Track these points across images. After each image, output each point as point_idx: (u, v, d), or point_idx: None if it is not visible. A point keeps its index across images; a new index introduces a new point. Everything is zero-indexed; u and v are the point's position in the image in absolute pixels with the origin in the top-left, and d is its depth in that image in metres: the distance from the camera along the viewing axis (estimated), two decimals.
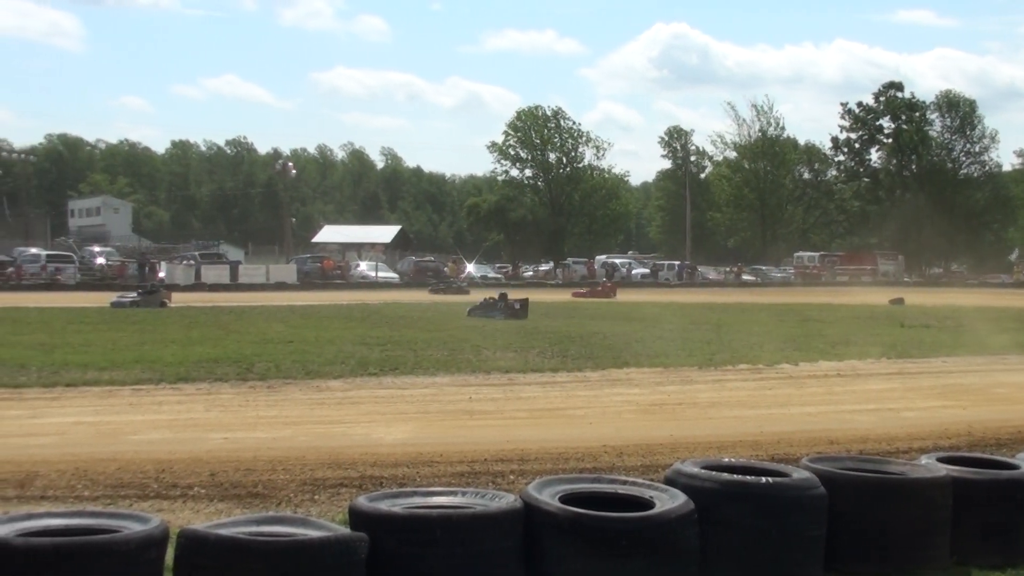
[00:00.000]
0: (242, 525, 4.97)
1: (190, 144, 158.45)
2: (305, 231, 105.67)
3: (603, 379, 15.65)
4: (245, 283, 57.45)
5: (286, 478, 8.47)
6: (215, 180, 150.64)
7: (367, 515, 5.13)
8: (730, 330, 25.71)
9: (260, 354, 17.95)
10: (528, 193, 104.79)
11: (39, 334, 21.94)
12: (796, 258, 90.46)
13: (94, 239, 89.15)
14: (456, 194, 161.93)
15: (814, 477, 5.96)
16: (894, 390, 15.20)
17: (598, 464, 9.09)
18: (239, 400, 12.98)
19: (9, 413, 11.82)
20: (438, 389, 14.23)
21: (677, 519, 5.28)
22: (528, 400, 13.47)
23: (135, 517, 4.98)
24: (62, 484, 8.16)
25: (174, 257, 70.50)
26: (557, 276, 77.00)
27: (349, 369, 16.06)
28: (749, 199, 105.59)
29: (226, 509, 7.48)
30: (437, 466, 9.00)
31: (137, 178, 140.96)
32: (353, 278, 65.26)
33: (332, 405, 12.76)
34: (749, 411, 12.76)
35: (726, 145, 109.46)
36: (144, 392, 13.50)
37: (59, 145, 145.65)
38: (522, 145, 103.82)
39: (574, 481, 5.92)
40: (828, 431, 11.17)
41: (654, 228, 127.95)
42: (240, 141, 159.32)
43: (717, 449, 9.65)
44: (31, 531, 4.69)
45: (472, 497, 5.50)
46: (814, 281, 77.27)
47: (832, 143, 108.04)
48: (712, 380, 15.74)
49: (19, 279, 54.30)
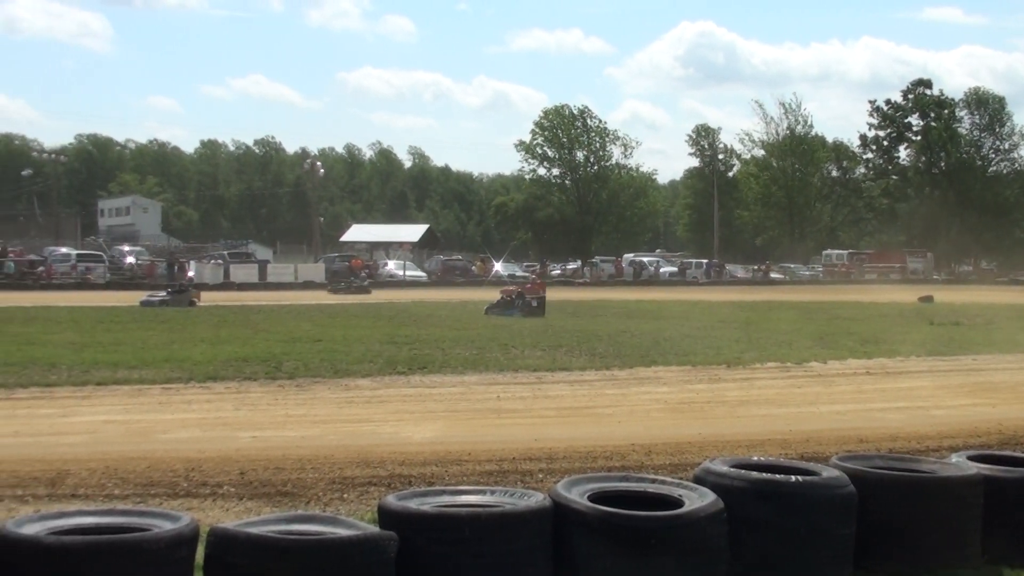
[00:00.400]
0: (272, 524, 4.98)
1: (219, 144, 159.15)
2: (333, 230, 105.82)
3: (631, 377, 15.63)
4: (273, 282, 57.61)
5: (315, 477, 8.49)
6: (244, 180, 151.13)
7: (396, 514, 5.13)
8: (758, 328, 25.63)
9: (289, 353, 18.00)
10: (556, 192, 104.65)
11: (69, 333, 22.06)
12: (824, 256, 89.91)
13: (124, 238, 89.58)
14: (484, 193, 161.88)
15: (844, 476, 5.93)
16: (924, 388, 15.13)
17: (627, 463, 9.07)
18: (268, 399, 13.02)
19: (40, 412, 11.90)
20: (466, 388, 14.23)
21: (706, 518, 5.27)
22: (556, 399, 13.46)
23: (165, 516, 5.00)
24: (93, 483, 8.21)
25: (203, 256, 70.76)
26: (585, 275, 76.87)
27: (377, 368, 16.08)
28: (777, 197, 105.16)
29: (255, 508, 7.51)
30: (465, 465, 9.01)
31: (166, 178, 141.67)
32: (381, 277, 65.31)
33: (361, 404, 12.78)
34: (778, 409, 12.72)
35: (754, 143, 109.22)
36: (174, 391, 13.55)
37: (89, 145, 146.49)
38: (549, 144, 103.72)
39: (603, 480, 5.90)
40: (857, 429, 11.12)
41: (682, 226, 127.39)
42: (268, 141, 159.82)
43: (746, 448, 9.62)
44: (62, 529, 4.71)
45: (501, 496, 5.50)
46: (842, 279, 76.87)
47: (860, 141, 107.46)
48: (741, 378, 15.69)
49: (50, 278, 54.61)
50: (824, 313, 33.41)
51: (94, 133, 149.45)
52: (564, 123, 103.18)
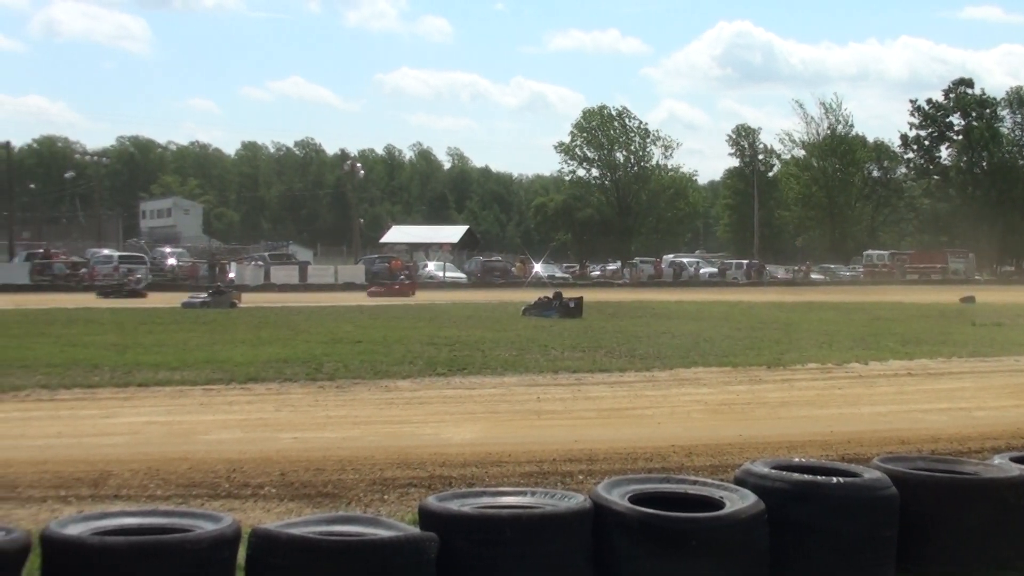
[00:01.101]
0: (313, 524, 5.00)
1: (259, 146, 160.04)
2: (373, 231, 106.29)
3: (671, 379, 15.57)
4: (314, 283, 57.88)
5: (355, 478, 8.51)
6: (284, 181, 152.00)
7: (437, 515, 5.14)
8: (799, 329, 25.49)
9: (329, 354, 18.05)
10: (595, 193, 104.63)
11: (111, 335, 22.23)
12: (865, 256, 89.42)
13: (165, 240, 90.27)
14: (523, 194, 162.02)
15: (885, 477, 5.89)
16: (966, 389, 14.99)
17: (667, 464, 9.04)
18: (309, 400, 13.06)
19: (83, 413, 11.99)
20: (506, 389, 14.23)
21: (747, 519, 5.25)
22: (596, 400, 13.44)
23: (207, 516, 5.03)
24: (135, 483, 8.26)
25: (243, 258, 71.15)
26: (625, 276, 76.75)
27: (417, 369, 16.10)
28: (818, 197, 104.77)
29: (296, 508, 7.53)
30: (506, 466, 9.00)
31: (207, 179, 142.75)
32: (421, 278, 65.47)
33: (401, 405, 12.80)
34: (818, 411, 12.64)
35: (794, 143, 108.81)
36: (215, 392, 13.62)
37: (131, 147, 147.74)
38: (589, 145, 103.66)
39: (643, 481, 5.89)
40: (899, 431, 11.04)
41: (722, 227, 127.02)
42: (308, 142, 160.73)
43: (787, 449, 9.56)
44: (106, 530, 4.74)
45: (541, 497, 5.50)
46: (883, 280, 76.42)
47: (901, 140, 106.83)
48: (781, 380, 15.61)
49: (92, 280, 55.06)
50: (865, 314, 33.19)
51: (136, 135, 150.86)
52: (604, 124, 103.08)
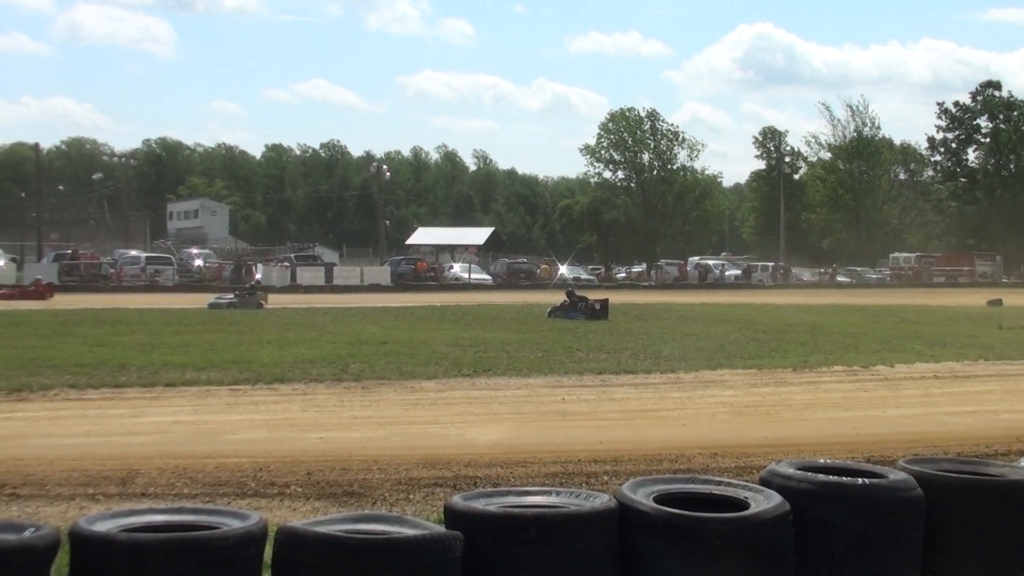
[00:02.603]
0: (339, 523, 5.01)
1: (285, 148, 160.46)
2: (399, 233, 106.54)
3: (696, 380, 15.56)
4: (340, 285, 58.02)
5: (381, 477, 8.55)
6: (310, 183, 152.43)
7: (462, 514, 5.14)
8: (824, 332, 25.40)
9: (355, 355, 18.10)
10: (621, 195, 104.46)
11: (139, 335, 22.35)
12: (892, 259, 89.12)
13: (192, 241, 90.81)
14: (549, 196, 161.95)
15: (911, 479, 5.87)
16: (992, 392, 14.92)
17: (692, 465, 9.04)
18: (334, 400, 13.11)
19: (111, 412, 12.07)
20: (531, 390, 14.24)
21: (772, 520, 5.23)
22: (621, 401, 13.44)
23: (234, 514, 5.05)
24: (162, 482, 8.32)
25: (270, 259, 71.40)
26: (651, 278, 76.67)
27: (443, 370, 16.13)
28: (844, 200, 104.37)
29: (322, 507, 7.57)
30: (531, 466, 9.02)
31: (234, 181, 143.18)
32: (446, 280, 65.54)
33: (426, 406, 12.83)
34: (844, 413, 12.60)
35: (820, 145, 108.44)
36: (241, 392, 13.69)
37: (158, 148, 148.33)
38: (615, 147, 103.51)
39: (668, 481, 5.88)
40: (925, 433, 11.01)
41: (747, 229, 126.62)
42: (334, 144, 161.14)
43: (812, 451, 9.54)
44: (134, 527, 4.76)
45: (566, 497, 5.50)
46: (910, 282, 76.16)
47: (928, 143, 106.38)
48: (807, 382, 15.58)
49: (120, 281, 55.40)
50: (891, 316, 33.05)
51: (164, 136, 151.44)
52: (630, 126, 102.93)
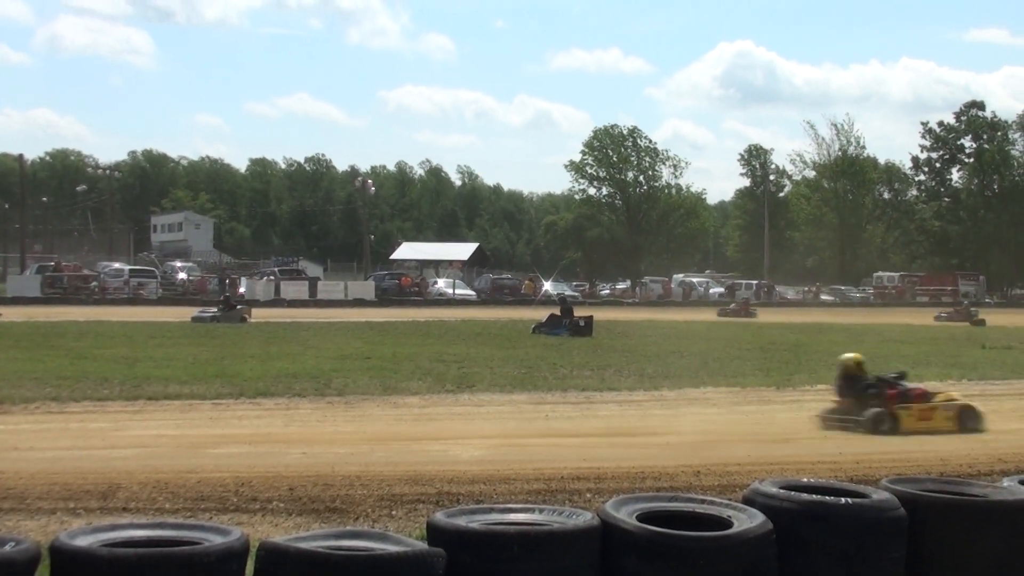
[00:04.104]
0: (321, 539, 4.99)
1: (269, 161, 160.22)
2: (384, 248, 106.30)
3: (680, 398, 15.59)
4: (324, 299, 57.86)
5: (364, 493, 8.53)
6: (295, 197, 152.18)
7: (445, 531, 5.13)
8: (808, 350, 25.45)
9: (338, 370, 18.10)
10: (605, 211, 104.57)
11: (122, 348, 22.31)
12: (876, 278, 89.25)
13: (176, 254, 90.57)
14: (534, 212, 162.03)
15: (894, 498, 5.87)
16: None
17: (675, 484, 9.05)
18: (317, 415, 13.10)
19: (93, 426, 12.04)
20: (515, 407, 14.26)
21: (755, 539, 5.24)
22: (605, 418, 13.45)
23: (216, 530, 5.03)
24: (144, 496, 8.29)
25: (254, 273, 71.25)
26: (635, 295, 76.73)
27: (426, 386, 16.15)
28: (828, 218, 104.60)
29: (305, 523, 7.56)
30: (514, 483, 9.02)
31: (218, 194, 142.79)
32: (431, 295, 65.46)
33: (410, 421, 12.84)
34: (827, 432, 12.61)
35: (805, 164, 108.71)
36: (224, 406, 13.68)
37: (143, 161, 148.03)
38: (599, 164, 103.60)
39: (651, 500, 5.88)
40: (908, 452, 11.06)
41: (732, 247, 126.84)
42: (319, 158, 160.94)
43: (795, 470, 9.56)
44: (115, 542, 4.74)
45: (549, 514, 5.49)
46: (894, 301, 76.24)
47: (912, 162, 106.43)
48: (790, 400, 15.62)
49: (103, 293, 55.20)
50: (875, 335, 33.14)
51: (149, 149, 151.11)
52: (614, 143, 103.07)
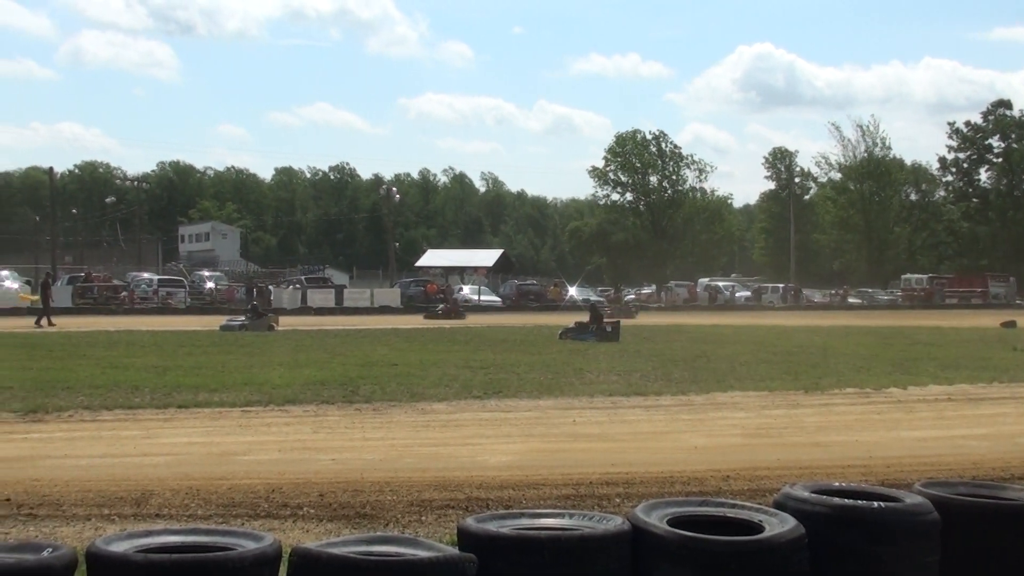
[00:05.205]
0: (352, 544, 5.01)
1: (295, 171, 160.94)
2: (409, 255, 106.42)
3: (708, 403, 15.54)
4: (350, 306, 58.06)
5: (393, 499, 8.55)
6: (320, 205, 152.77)
7: (475, 536, 5.14)
8: (836, 353, 25.35)
9: (365, 377, 18.13)
10: (629, 216, 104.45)
11: (152, 356, 22.42)
12: (903, 280, 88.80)
13: (203, 264, 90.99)
14: (558, 218, 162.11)
15: (927, 502, 5.84)
16: (1007, 415, 14.87)
17: (704, 488, 9.02)
18: (346, 422, 13.13)
19: (125, 433, 12.10)
20: (542, 412, 14.24)
21: (787, 543, 5.22)
22: (632, 423, 13.43)
23: (249, 535, 5.05)
24: (176, 503, 8.34)
25: (281, 281, 71.58)
26: (660, 299, 76.62)
27: (453, 392, 16.15)
28: (855, 220, 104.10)
29: (335, 529, 7.58)
30: (542, 489, 9.02)
31: (245, 204, 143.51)
32: (456, 302, 65.54)
33: (437, 427, 12.84)
34: (857, 436, 12.56)
35: (831, 166, 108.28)
36: (253, 414, 13.72)
37: (170, 172, 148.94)
38: (622, 169, 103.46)
39: (682, 504, 5.87)
40: (940, 456, 10.97)
41: (757, 250, 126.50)
42: (343, 167, 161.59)
43: (825, 474, 9.52)
44: (149, 547, 4.77)
45: (579, 519, 5.49)
46: (922, 304, 75.89)
47: (939, 163, 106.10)
48: (819, 404, 15.55)
49: (132, 303, 55.54)
50: (903, 338, 32.96)
51: (176, 160, 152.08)
52: (637, 148, 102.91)
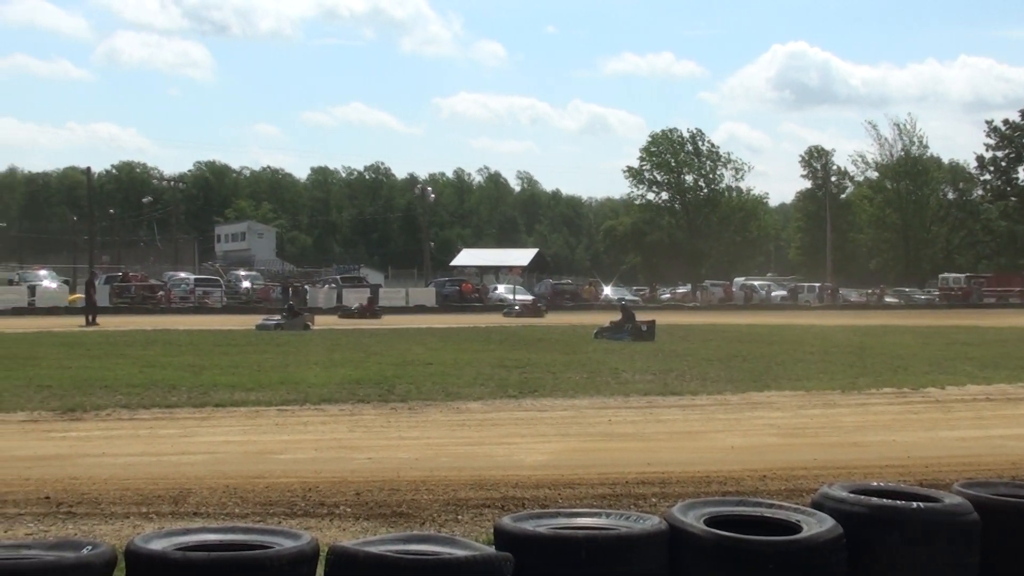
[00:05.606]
0: (389, 543, 5.02)
1: (330, 170, 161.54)
2: (444, 254, 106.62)
3: (743, 402, 15.48)
4: (385, 306, 58.16)
5: (429, 498, 8.56)
6: (355, 205, 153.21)
7: (512, 535, 5.14)
8: (873, 353, 25.20)
9: (401, 376, 18.17)
10: (665, 215, 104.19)
11: (189, 356, 22.54)
12: (941, 280, 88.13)
13: (240, 263, 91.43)
14: (593, 217, 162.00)
15: (967, 503, 5.79)
16: None
17: (741, 488, 8.99)
18: (381, 421, 13.16)
19: (162, 432, 12.18)
20: (577, 412, 14.22)
21: (825, 544, 5.19)
22: (668, 423, 13.39)
23: (286, 533, 5.07)
24: (213, 501, 8.38)
25: (316, 281, 71.85)
26: (696, 298, 76.41)
27: (489, 391, 16.16)
28: (891, 220, 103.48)
29: (371, 528, 7.59)
30: (578, 488, 9.01)
31: (280, 203, 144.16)
32: (491, 301, 65.55)
33: (473, 427, 12.85)
34: (895, 435, 12.48)
35: (867, 165, 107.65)
36: (289, 413, 13.77)
37: (206, 172, 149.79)
38: (658, 168, 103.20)
39: (719, 504, 5.85)
40: (979, 456, 10.90)
41: (793, 249, 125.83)
42: (378, 167, 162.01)
43: (863, 474, 9.46)
44: (188, 545, 4.80)
45: (616, 519, 5.48)
46: (960, 303, 75.28)
47: (977, 161, 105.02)
48: (856, 404, 15.46)
49: (169, 302, 55.89)
50: (941, 338, 32.73)
51: (212, 160, 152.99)
52: (673, 147, 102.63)
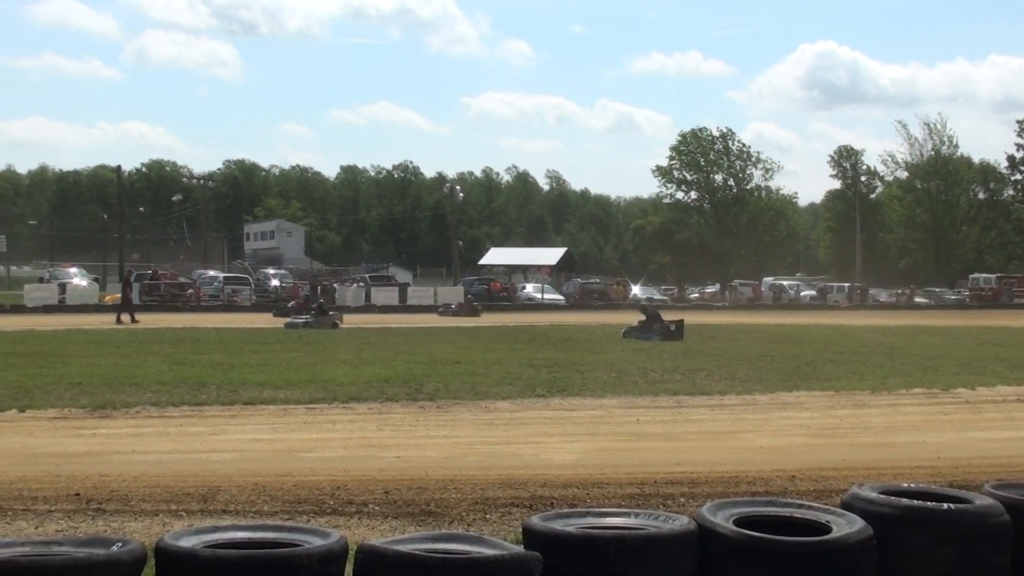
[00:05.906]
0: (418, 542, 5.03)
1: (359, 169, 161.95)
2: (472, 253, 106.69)
3: (772, 402, 15.43)
4: (414, 304, 58.24)
5: (458, 497, 8.57)
6: (384, 204, 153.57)
7: (541, 534, 5.14)
8: (903, 353, 25.05)
9: (429, 375, 18.18)
10: (694, 215, 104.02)
11: (218, 353, 22.62)
12: (971, 280, 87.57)
13: (268, 261, 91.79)
14: (621, 216, 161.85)
15: (998, 504, 5.75)
16: None
17: (770, 488, 8.96)
18: (410, 420, 13.18)
19: (192, 430, 12.23)
20: (606, 411, 14.20)
21: (855, 544, 5.16)
22: (697, 423, 13.36)
23: (315, 532, 5.09)
24: (243, 499, 8.41)
25: (345, 279, 72.03)
26: (725, 298, 76.21)
27: (517, 390, 16.15)
28: (922, 219, 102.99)
29: (400, 526, 7.60)
30: (607, 488, 9.00)
31: (309, 202, 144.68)
32: (519, 300, 65.53)
33: (501, 426, 12.85)
34: (925, 436, 12.41)
35: (897, 164, 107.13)
36: (318, 411, 13.81)
37: (236, 171, 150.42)
38: (687, 168, 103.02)
39: (748, 504, 5.83)
40: (1009, 458, 10.82)
41: (823, 249, 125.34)
42: (407, 166, 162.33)
43: (892, 475, 9.41)
44: (217, 543, 4.82)
45: (645, 519, 5.46)
46: (990, 303, 74.76)
47: (1008, 161, 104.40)
48: (885, 404, 15.38)
49: (198, 300, 56.13)
50: (971, 338, 32.51)
51: (241, 159, 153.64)
52: (703, 147, 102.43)
